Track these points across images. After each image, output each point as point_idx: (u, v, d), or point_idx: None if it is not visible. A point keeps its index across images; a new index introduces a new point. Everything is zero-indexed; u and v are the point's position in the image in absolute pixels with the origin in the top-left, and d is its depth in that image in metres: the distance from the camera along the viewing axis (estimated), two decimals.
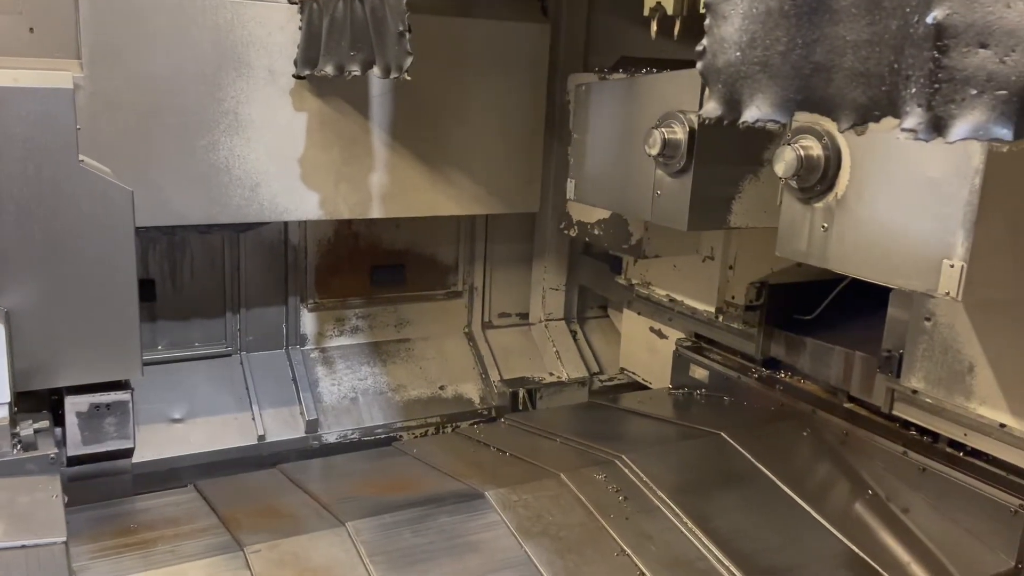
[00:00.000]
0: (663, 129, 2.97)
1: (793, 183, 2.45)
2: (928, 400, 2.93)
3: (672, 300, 4.13)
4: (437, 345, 4.52)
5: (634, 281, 4.36)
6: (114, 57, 3.08)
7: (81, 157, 2.70)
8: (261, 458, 3.86)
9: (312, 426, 4.01)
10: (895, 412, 3.05)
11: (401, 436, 4.14)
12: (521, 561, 2.64)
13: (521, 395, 4.50)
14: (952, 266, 2.15)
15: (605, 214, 3.82)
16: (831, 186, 2.40)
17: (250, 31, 3.27)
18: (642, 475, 3.04)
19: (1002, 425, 2.71)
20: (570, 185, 3.66)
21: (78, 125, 2.72)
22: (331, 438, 4.05)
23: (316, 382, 4.16)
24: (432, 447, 3.49)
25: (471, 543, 2.69)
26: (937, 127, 1.26)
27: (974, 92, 1.21)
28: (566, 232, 4.10)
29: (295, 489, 3.03)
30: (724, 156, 2.94)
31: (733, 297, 3.79)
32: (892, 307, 3.01)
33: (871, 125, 1.48)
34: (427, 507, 2.82)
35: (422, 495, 2.93)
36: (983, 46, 1.20)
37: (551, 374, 4.61)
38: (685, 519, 2.84)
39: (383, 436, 4.12)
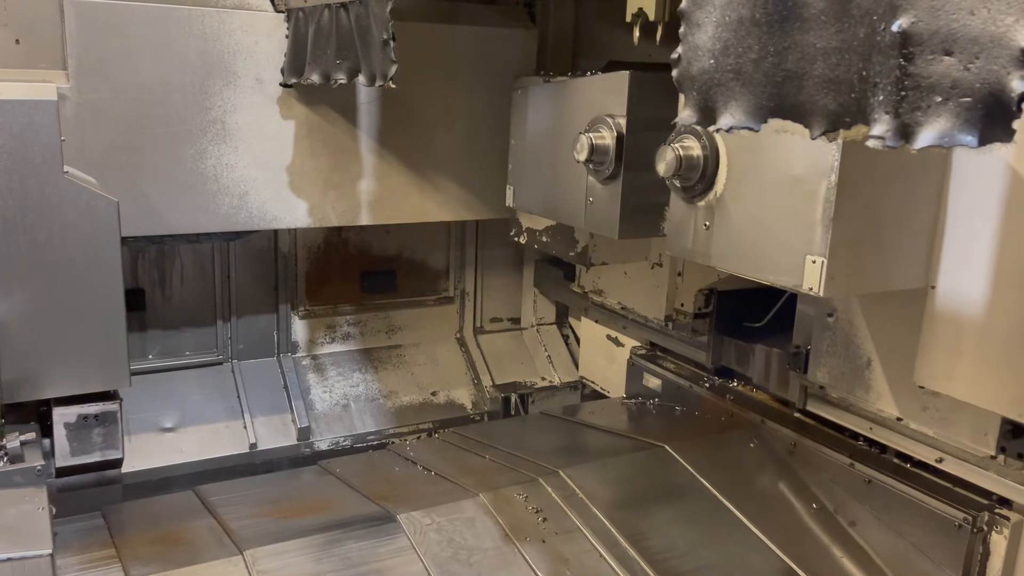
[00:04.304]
0: (591, 134, 2.92)
1: (676, 182, 2.50)
2: (834, 395, 2.93)
3: (624, 308, 4.07)
4: (429, 351, 4.52)
5: (587, 289, 4.30)
6: (100, 67, 3.08)
7: (66, 168, 2.71)
8: (253, 466, 3.86)
9: (304, 434, 4.01)
10: (808, 407, 3.07)
11: (393, 442, 4.13)
12: None
13: (513, 400, 4.50)
14: (814, 262, 2.18)
15: (552, 220, 3.71)
16: (711, 185, 2.45)
17: (237, 40, 3.27)
18: (577, 491, 2.95)
19: (899, 419, 2.73)
20: (509, 192, 3.58)
21: (63, 136, 2.72)
22: (323, 445, 4.05)
23: (308, 389, 4.17)
24: (357, 466, 3.38)
25: (376, 570, 2.59)
26: (904, 134, 1.27)
27: (939, 99, 1.22)
28: (516, 239, 3.97)
29: (204, 513, 2.92)
30: (654, 161, 2.90)
31: (682, 304, 3.71)
32: (800, 303, 3.02)
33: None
34: (335, 532, 2.72)
35: (333, 519, 2.82)
36: (948, 53, 1.21)
37: (543, 378, 4.62)
38: (618, 536, 2.75)
39: (375, 443, 4.12)
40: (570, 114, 3.15)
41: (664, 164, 2.47)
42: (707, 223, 2.47)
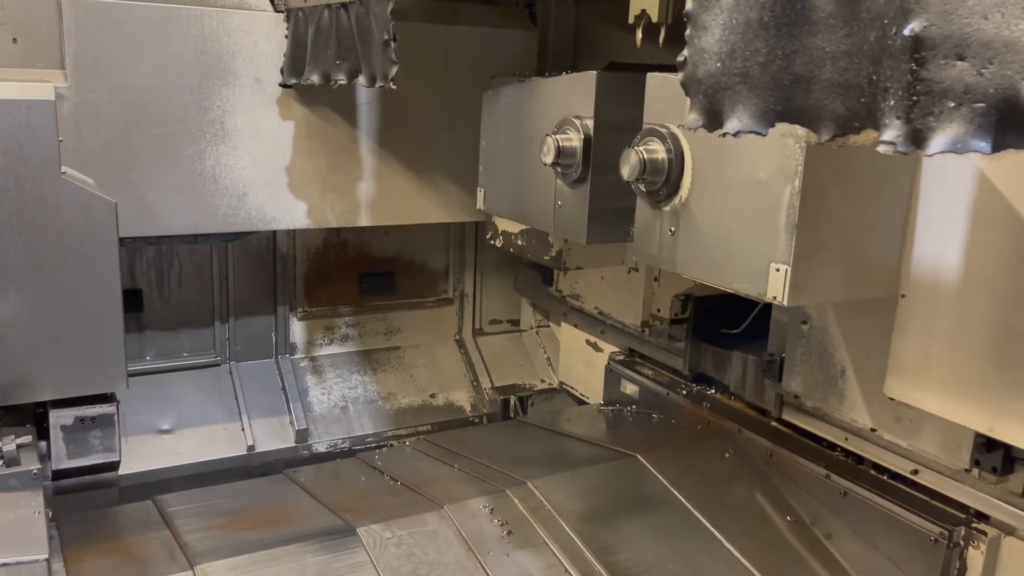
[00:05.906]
0: (558, 136, 2.86)
1: (641, 186, 2.45)
2: (809, 404, 2.87)
3: (602, 313, 3.99)
4: (428, 353, 4.50)
5: (565, 293, 4.23)
6: (98, 67, 3.06)
7: (63, 168, 2.69)
8: (251, 468, 3.83)
9: (302, 436, 3.99)
10: (784, 416, 3.01)
11: (392, 444, 4.12)
12: None
13: (512, 402, 4.48)
14: (778, 270, 2.13)
15: (523, 224, 3.61)
16: (676, 189, 2.39)
17: (235, 40, 3.25)
18: (544, 503, 2.86)
19: (873, 430, 2.67)
20: (480, 194, 3.50)
21: (60, 136, 2.70)
22: (321, 448, 4.03)
23: (306, 391, 4.14)
24: (323, 476, 3.29)
25: None
26: (916, 140, 1.25)
27: (952, 105, 1.20)
28: (492, 242, 3.85)
29: (161, 524, 2.83)
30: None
31: (659, 310, 3.63)
32: (775, 310, 2.94)
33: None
34: (292, 545, 2.62)
35: (291, 531, 2.73)
36: (961, 58, 1.19)
37: (542, 381, 4.60)
38: (585, 551, 2.67)
39: (374, 445, 4.10)
40: (538, 115, 3.09)
41: (628, 167, 2.41)
42: (672, 228, 2.42)
